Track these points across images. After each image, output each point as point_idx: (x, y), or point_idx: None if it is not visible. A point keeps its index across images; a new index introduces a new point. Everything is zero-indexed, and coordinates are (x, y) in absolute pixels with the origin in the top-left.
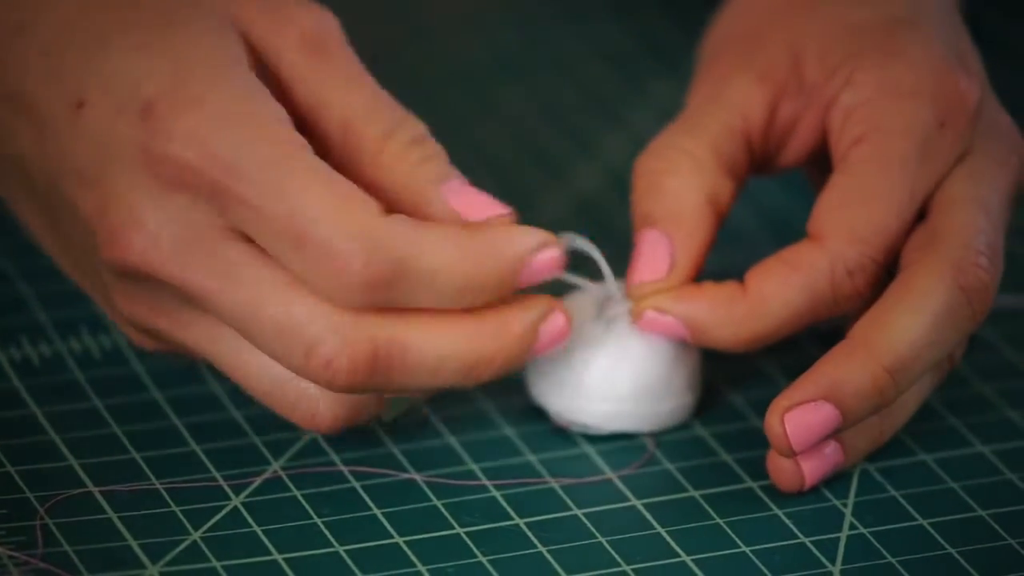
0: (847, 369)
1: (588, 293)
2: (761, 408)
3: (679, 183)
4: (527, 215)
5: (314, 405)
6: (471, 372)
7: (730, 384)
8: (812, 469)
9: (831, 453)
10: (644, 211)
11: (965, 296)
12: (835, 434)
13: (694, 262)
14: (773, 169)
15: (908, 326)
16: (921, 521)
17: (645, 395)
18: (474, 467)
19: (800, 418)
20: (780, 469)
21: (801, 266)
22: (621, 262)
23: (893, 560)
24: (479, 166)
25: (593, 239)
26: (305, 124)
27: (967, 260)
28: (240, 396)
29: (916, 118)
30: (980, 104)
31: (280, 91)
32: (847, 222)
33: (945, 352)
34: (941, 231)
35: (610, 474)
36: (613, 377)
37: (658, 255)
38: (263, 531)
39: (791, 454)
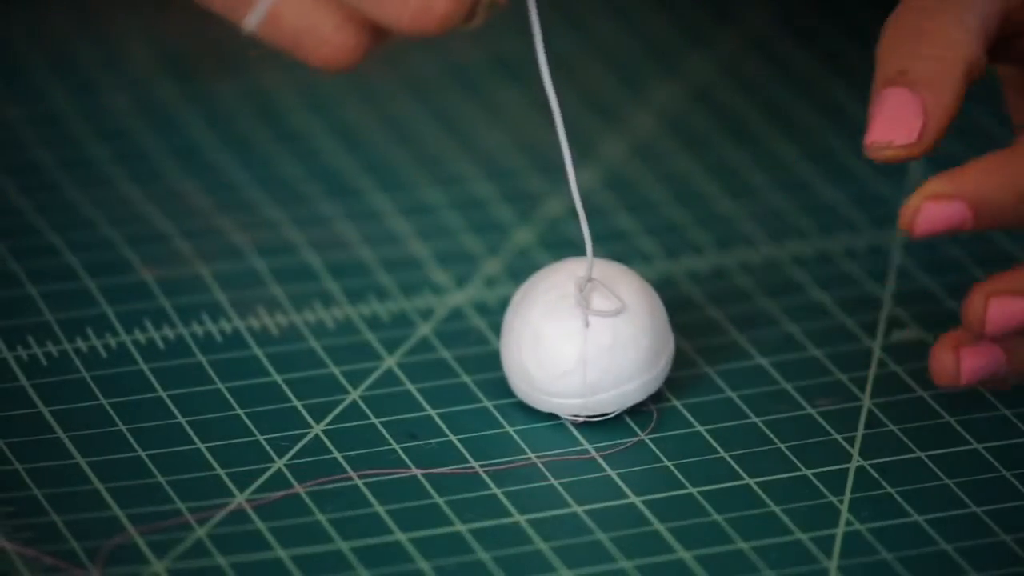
0: None
1: (554, 274)
2: (757, 407)
3: (945, 50)
4: (528, 216)
5: None
6: None
7: (727, 382)
8: (970, 368)
9: (995, 358)
10: (899, 66)
11: None
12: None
13: (941, 136)
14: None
15: None
16: (916, 517)
17: (598, 386)
18: (475, 464)
19: (1006, 306)
20: (941, 363)
21: None
22: (607, 255)
23: (888, 556)
24: (479, 168)
25: (592, 241)
26: None
27: None
28: (245, 395)
29: None
30: None
31: None
32: None
33: None
34: None
35: (610, 472)
36: (568, 375)
37: (910, 116)
38: (267, 528)
39: (981, 335)
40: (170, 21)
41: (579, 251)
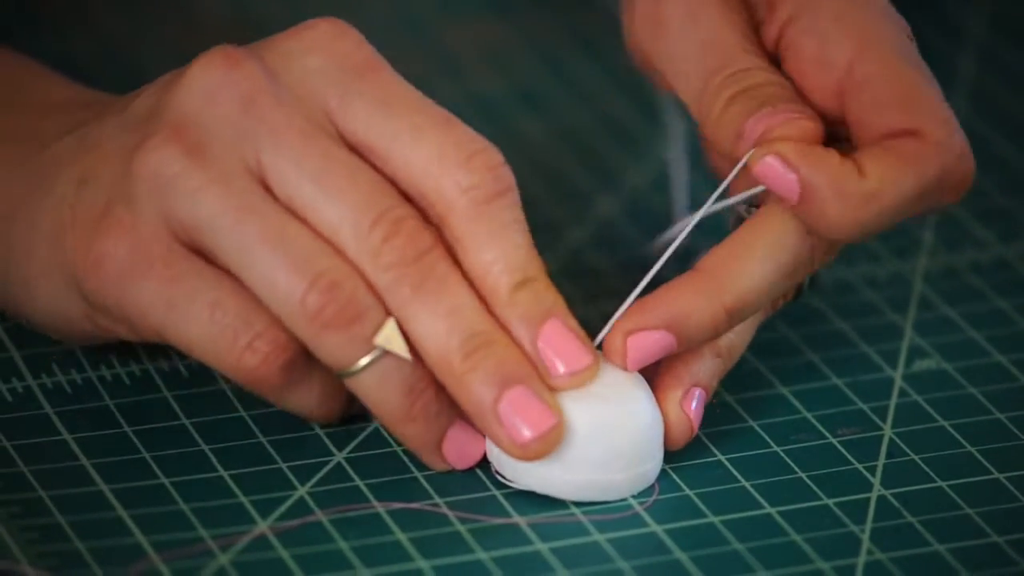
0: (693, 303)
1: None
2: (778, 435)
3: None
4: (549, 244)
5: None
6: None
7: (746, 409)
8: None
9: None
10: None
11: (809, 244)
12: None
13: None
14: None
15: (755, 272)
16: (938, 547)
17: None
18: (496, 493)
19: (640, 342)
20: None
21: (910, 157)
22: (628, 283)
23: None
24: None
25: (613, 267)
26: None
27: None
28: (268, 421)
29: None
30: None
31: None
32: (933, 112)
33: (777, 295)
34: None
35: (631, 501)
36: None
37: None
38: (290, 555)
39: (624, 368)
40: (195, 46)
41: (596, 280)
